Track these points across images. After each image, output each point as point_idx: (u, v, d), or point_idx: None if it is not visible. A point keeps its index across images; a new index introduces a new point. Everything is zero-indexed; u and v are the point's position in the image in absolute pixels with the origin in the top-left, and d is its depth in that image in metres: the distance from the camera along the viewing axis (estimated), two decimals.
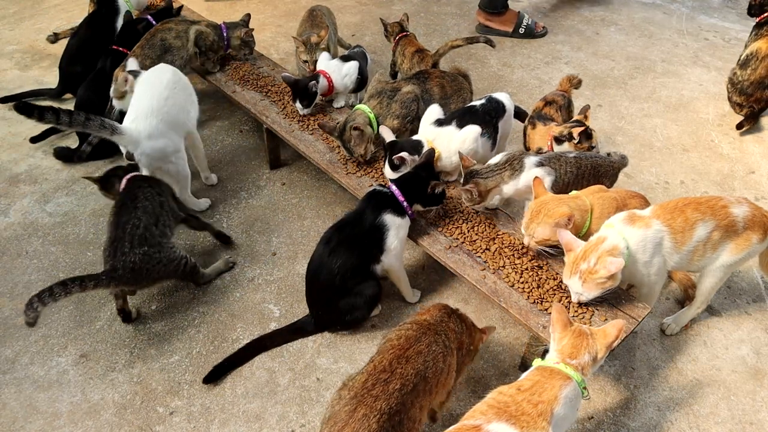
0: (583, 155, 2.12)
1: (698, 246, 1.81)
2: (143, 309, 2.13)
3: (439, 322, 1.59)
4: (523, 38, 4.01)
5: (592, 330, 1.47)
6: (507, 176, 1.98)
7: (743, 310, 2.18)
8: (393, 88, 2.39)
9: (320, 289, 1.94)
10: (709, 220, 1.80)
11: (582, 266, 1.67)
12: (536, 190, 1.90)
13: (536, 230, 1.83)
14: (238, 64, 2.96)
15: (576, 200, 1.87)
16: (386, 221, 1.93)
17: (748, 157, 2.96)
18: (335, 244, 1.90)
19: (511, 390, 1.37)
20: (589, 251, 1.69)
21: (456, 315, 1.66)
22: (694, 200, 1.85)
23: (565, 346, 1.44)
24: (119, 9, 3.11)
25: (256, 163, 2.84)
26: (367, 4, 4.45)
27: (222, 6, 4.30)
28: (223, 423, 1.78)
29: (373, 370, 1.44)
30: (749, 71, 3.05)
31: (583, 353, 1.41)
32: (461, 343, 1.62)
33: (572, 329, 1.46)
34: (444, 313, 1.63)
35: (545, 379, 1.37)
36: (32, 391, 1.86)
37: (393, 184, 2.01)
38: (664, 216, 1.80)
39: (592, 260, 1.66)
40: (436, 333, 1.54)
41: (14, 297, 2.16)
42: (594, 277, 1.66)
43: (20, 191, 2.66)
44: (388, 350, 1.49)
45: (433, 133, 2.21)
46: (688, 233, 1.79)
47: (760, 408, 1.86)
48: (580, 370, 1.40)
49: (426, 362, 1.47)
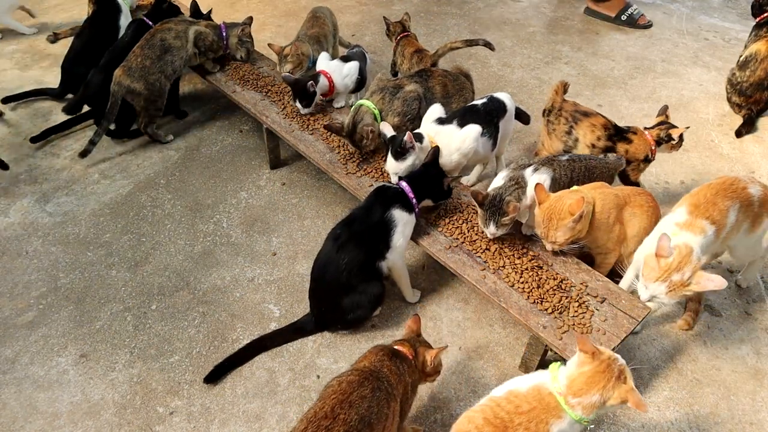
0: (576, 157, 2.11)
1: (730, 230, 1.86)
2: (143, 309, 2.13)
3: (380, 368, 1.48)
4: (622, 25, 4.20)
5: (624, 374, 1.30)
6: (520, 194, 1.96)
7: (743, 310, 2.18)
8: (395, 86, 2.40)
9: (326, 286, 1.95)
10: (736, 203, 1.84)
11: (674, 277, 1.65)
12: (539, 196, 1.87)
13: (556, 235, 1.83)
14: (238, 64, 2.96)
15: (576, 193, 1.87)
16: (395, 216, 1.95)
17: (748, 157, 2.96)
18: (344, 240, 1.91)
19: (510, 406, 1.29)
20: (684, 263, 1.65)
21: (397, 356, 1.54)
22: (719, 187, 1.87)
23: (581, 376, 1.29)
24: (120, 8, 3.11)
25: (256, 163, 2.84)
26: (367, 4, 4.45)
27: (222, 6, 4.30)
28: (223, 423, 1.78)
29: (313, 416, 1.34)
30: (748, 72, 3.05)
31: (594, 393, 1.27)
32: (405, 385, 1.52)
33: (602, 359, 1.30)
34: (383, 357, 1.52)
35: (542, 409, 1.28)
36: (32, 391, 1.86)
37: (402, 180, 2.03)
38: (705, 214, 1.81)
39: (687, 274, 1.65)
40: (377, 379, 1.44)
41: (14, 297, 2.16)
42: (684, 289, 1.66)
43: (20, 191, 2.66)
44: (329, 396, 1.39)
45: (434, 131, 2.21)
46: (724, 222, 1.83)
47: (760, 408, 1.86)
48: (581, 409, 1.27)
49: (370, 407, 1.37)
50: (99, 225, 2.48)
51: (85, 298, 2.16)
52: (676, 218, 1.82)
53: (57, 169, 2.78)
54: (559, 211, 1.81)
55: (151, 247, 2.38)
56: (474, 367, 1.95)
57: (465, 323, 2.09)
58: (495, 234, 1.94)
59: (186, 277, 2.25)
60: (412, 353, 1.59)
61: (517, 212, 1.88)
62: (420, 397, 1.85)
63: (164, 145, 2.95)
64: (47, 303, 2.14)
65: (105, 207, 2.58)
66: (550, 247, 1.90)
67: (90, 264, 2.30)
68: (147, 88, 2.71)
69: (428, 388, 1.87)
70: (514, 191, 1.94)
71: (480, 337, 2.05)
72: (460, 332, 2.06)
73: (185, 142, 2.98)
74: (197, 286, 2.22)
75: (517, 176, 1.99)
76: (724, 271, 2.32)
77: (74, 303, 2.15)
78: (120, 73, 2.67)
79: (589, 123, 2.31)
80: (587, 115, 2.33)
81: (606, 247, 1.96)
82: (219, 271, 2.28)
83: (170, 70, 2.77)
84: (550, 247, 1.90)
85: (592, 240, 1.93)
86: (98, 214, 2.53)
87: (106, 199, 2.62)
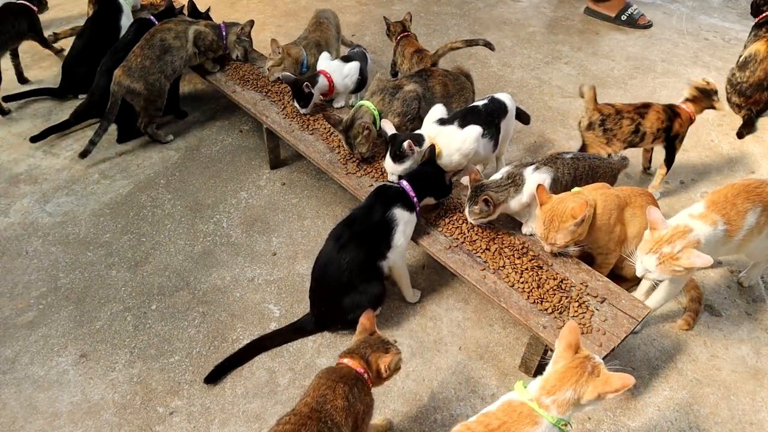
0: (581, 156, 2.12)
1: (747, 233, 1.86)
2: (143, 309, 2.13)
3: (323, 405, 1.36)
4: (622, 25, 4.21)
5: (598, 369, 1.28)
6: (513, 192, 1.98)
7: (743, 310, 2.18)
8: (395, 86, 2.40)
9: (327, 286, 1.95)
10: (758, 207, 1.84)
11: (665, 249, 1.68)
12: (540, 197, 1.87)
13: (556, 237, 1.83)
14: (238, 64, 2.97)
15: (578, 196, 1.87)
16: (396, 215, 1.95)
17: (748, 157, 2.96)
18: (346, 239, 1.91)
19: (480, 428, 1.26)
20: (676, 236, 1.69)
21: (346, 381, 1.42)
22: (742, 188, 1.87)
23: (554, 373, 1.28)
24: (121, 8, 3.11)
25: (256, 163, 2.84)
26: (367, 4, 4.46)
27: (222, 6, 4.31)
28: (223, 423, 1.78)
29: None
30: (748, 73, 3.05)
31: (567, 388, 1.24)
32: (356, 414, 1.40)
33: (576, 356, 1.29)
34: (326, 390, 1.39)
35: (514, 421, 1.24)
36: (32, 391, 1.86)
37: (403, 179, 2.03)
38: (721, 211, 1.82)
39: (677, 247, 1.67)
40: (319, 421, 1.32)
41: (14, 297, 2.16)
42: (673, 263, 1.67)
43: (20, 191, 2.66)
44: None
45: (434, 131, 2.21)
46: (740, 223, 1.83)
47: (760, 408, 1.86)
48: (555, 408, 1.24)
49: None
50: (99, 225, 2.48)
51: (85, 298, 2.16)
52: (692, 210, 1.85)
53: (57, 169, 2.78)
54: (560, 214, 1.81)
55: (151, 247, 2.38)
56: (474, 367, 1.95)
57: (465, 323, 2.09)
58: (470, 219, 2.03)
59: (186, 277, 2.25)
60: (364, 366, 1.47)
61: (487, 207, 1.93)
62: (420, 397, 1.85)
63: (164, 145, 2.95)
64: (47, 303, 2.14)
65: (105, 207, 2.58)
66: (548, 249, 1.90)
67: (90, 264, 2.30)
68: (147, 88, 2.71)
69: (428, 388, 1.87)
70: (507, 188, 1.97)
71: (480, 337, 2.05)
72: (460, 332, 2.06)
73: (185, 142, 2.98)
74: (197, 286, 2.22)
75: (515, 173, 1.99)
76: (725, 271, 2.32)
77: (74, 303, 2.15)
78: (120, 73, 2.67)
79: (654, 112, 2.42)
80: (647, 106, 2.44)
81: (607, 248, 1.96)
82: (219, 271, 2.28)
83: (170, 70, 2.77)
84: (549, 249, 1.90)
85: (593, 240, 1.93)
86: (98, 214, 2.53)
87: (106, 199, 2.62)
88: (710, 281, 2.28)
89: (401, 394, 1.86)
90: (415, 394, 1.86)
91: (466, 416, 1.80)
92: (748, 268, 2.24)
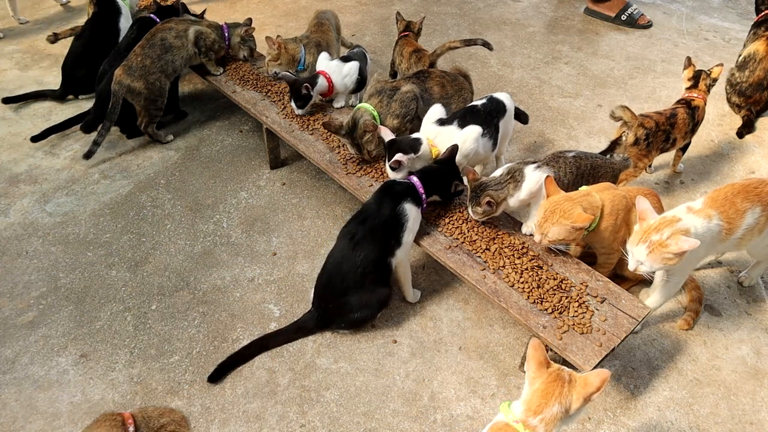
0: (583, 155, 2.12)
1: (746, 232, 1.86)
2: (143, 309, 2.13)
3: None
4: (622, 25, 4.22)
5: (573, 376, 1.29)
6: (512, 188, 1.98)
7: (743, 310, 2.18)
8: (392, 87, 2.40)
9: (339, 283, 1.94)
10: (757, 207, 1.84)
11: (653, 237, 1.69)
12: (548, 189, 1.89)
13: (550, 229, 1.83)
14: (238, 64, 2.97)
15: (588, 197, 1.87)
16: (406, 210, 1.95)
17: (748, 157, 2.96)
18: (360, 237, 1.92)
19: None
20: (664, 225, 1.70)
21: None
22: (742, 188, 1.87)
23: (534, 393, 1.27)
24: (121, 9, 3.11)
25: (256, 163, 2.84)
26: (367, 4, 4.46)
27: (222, 6, 4.31)
28: (223, 423, 1.78)
29: None
30: (747, 73, 3.05)
31: (553, 404, 1.24)
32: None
33: (549, 371, 1.28)
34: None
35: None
36: (32, 391, 1.86)
37: (414, 175, 2.04)
38: (719, 208, 1.82)
39: (666, 234, 1.68)
40: None
41: (14, 297, 2.16)
42: (663, 250, 1.67)
43: (20, 191, 2.66)
44: None
45: (434, 131, 2.21)
46: (738, 222, 1.83)
47: (760, 408, 1.86)
48: (543, 427, 1.23)
49: None
50: (99, 225, 2.48)
51: (85, 298, 2.16)
52: (691, 204, 1.86)
53: (57, 169, 2.78)
54: (565, 210, 1.81)
55: (151, 247, 2.38)
56: (474, 367, 1.95)
57: (465, 323, 2.10)
58: (473, 218, 2.04)
59: (186, 277, 2.25)
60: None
61: (489, 208, 1.94)
62: (420, 397, 1.85)
63: (164, 145, 2.95)
64: (47, 303, 2.14)
65: (105, 207, 2.58)
66: (538, 239, 1.88)
67: (90, 264, 2.30)
68: (147, 88, 2.71)
69: (428, 388, 1.87)
70: (507, 184, 1.97)
71: (480, 337, 2.05)
72: (460, 332, 2.06)
73: (185, 142, 2.98)
74: (197, 286, 2.22)
75: (515, 169, 2.00)
76: (725, 271, 2.32)
77: (74, 303, 2.15)
78: (120, 73, 2.67)
79: (681, 120, 2.49)
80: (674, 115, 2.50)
81: (611, 248, 1.96)
82: (219, 271, 2.28)
83: (171, 70, 2.77)
84: (538, 239, 1.88)
85: (598, 240, 1.94)
86: (98, 214, 2.53)
87: (106, 199, 2.62)
88: (710, 281, 2.28)
89: (401, 394, 1.86)
90: (415, 394, 1.86)
91: (466, 416, 1.80)
92: (748, 268, 2.24)
